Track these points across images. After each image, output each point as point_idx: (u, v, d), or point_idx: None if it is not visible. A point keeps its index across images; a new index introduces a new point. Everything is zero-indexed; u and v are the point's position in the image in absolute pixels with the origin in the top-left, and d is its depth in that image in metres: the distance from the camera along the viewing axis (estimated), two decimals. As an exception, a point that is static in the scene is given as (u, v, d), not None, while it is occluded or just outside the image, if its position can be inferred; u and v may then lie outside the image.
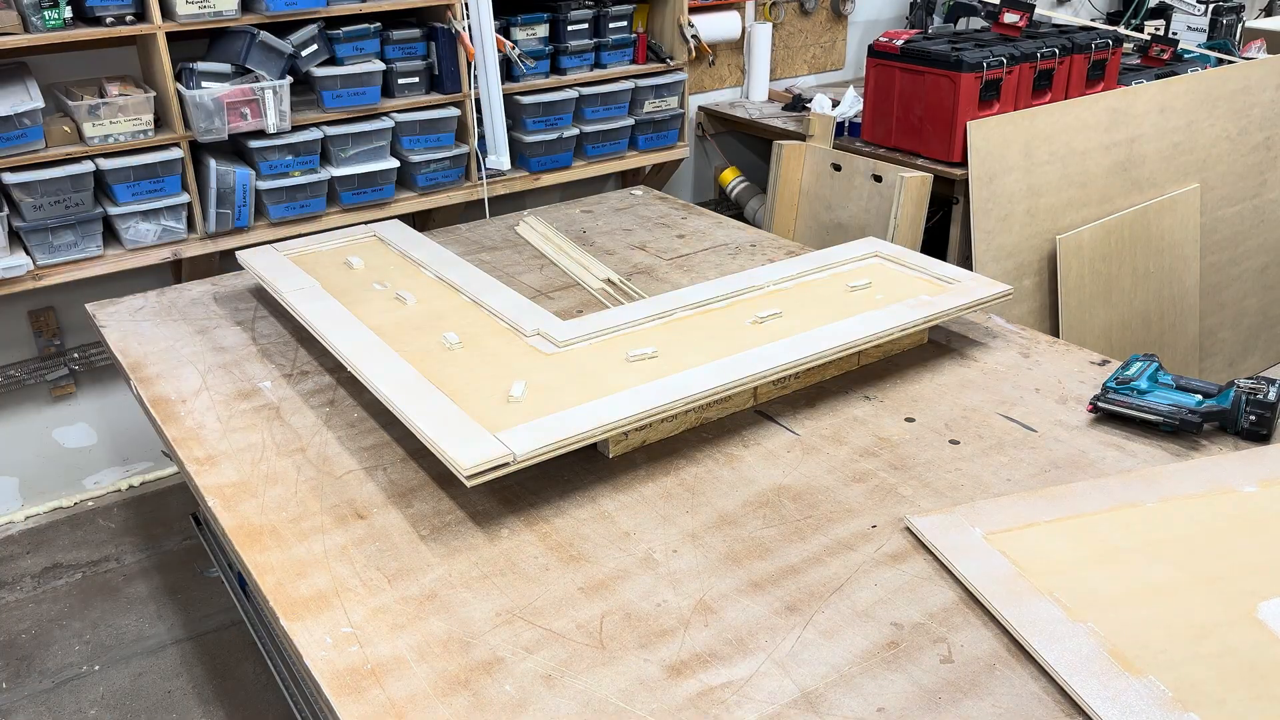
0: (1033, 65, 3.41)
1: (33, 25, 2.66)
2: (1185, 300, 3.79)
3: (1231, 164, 3.89)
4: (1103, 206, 3.50)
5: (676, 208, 3.07)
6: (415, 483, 1.73)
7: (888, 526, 1.59)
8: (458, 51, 3.25)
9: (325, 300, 2.16)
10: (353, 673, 1.33)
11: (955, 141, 3.29)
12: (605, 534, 1.59)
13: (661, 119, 3.77)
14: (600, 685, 1.30)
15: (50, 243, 2.83)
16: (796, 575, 1.49)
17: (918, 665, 1.32)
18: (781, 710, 1.26)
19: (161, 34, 2.80)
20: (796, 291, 2.19)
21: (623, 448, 1.79)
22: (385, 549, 1.57)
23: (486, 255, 2.69)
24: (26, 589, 3.00)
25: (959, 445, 1.80)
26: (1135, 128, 3.55)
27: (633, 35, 3.67)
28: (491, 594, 1.47)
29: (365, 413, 1.95)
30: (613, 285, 2.47)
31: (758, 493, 1.68)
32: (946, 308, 2.06)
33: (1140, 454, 1.76)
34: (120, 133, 2.84)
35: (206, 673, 2.68)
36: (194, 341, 2.24)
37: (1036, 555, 1.47)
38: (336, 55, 3.11)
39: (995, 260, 3.25)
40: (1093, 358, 2.10)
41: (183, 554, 3.14)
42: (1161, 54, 4.09)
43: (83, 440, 3.37)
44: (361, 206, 3.25)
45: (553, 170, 3.61)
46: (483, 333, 2.04)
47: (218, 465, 1.79)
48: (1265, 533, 1.52)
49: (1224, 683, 1.25)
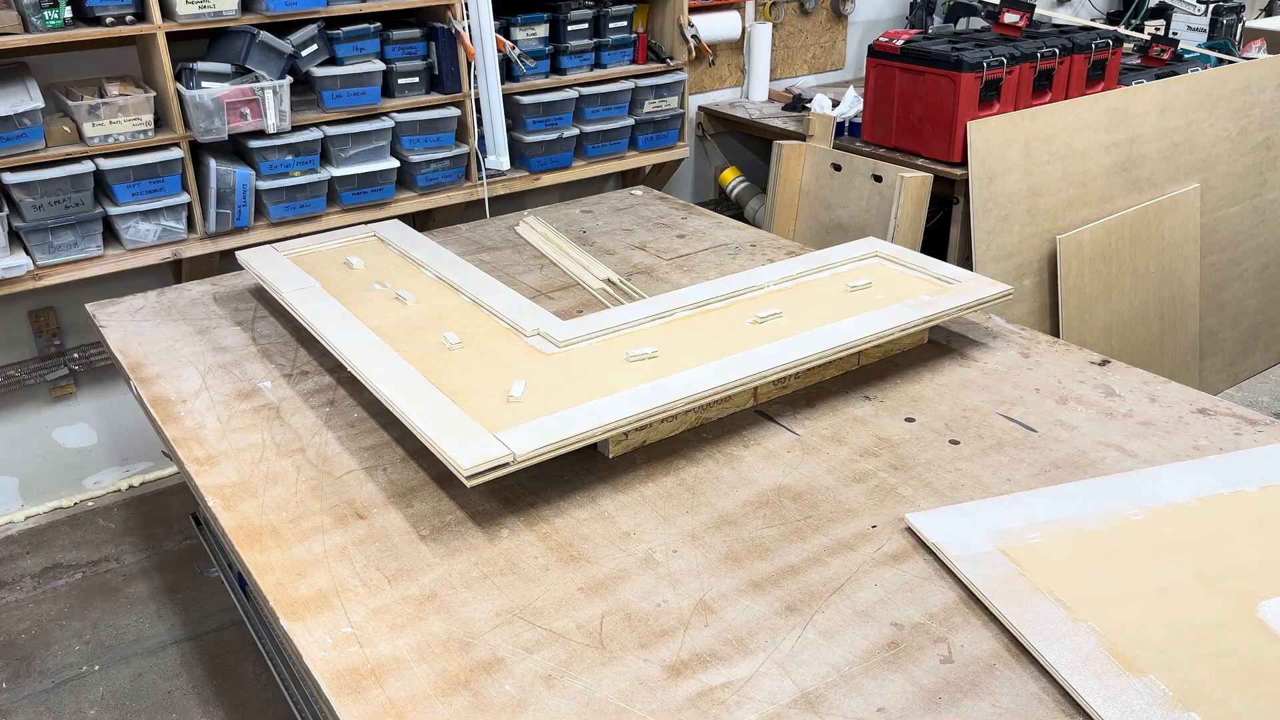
0: (1033, 65, 3.41)
1: (33, 25, 2.66)
2: (1185, 300, 3.79)
3: (1232, 164, 3.89)
4: (1103, 206, 3.50)
5: (676, 208, 3.07)
6: (415, 483, 1.73)
7: (888, 526, 1.59)
8: (458, 51, 3.25)
9: (325, 300, 2.16)
10: (353, 673, 1.33)
11: (955, 141, 3.29)
12: (605, 534, 1.59)
13: (661, 119, 3.77)
14: (600, 685, 1.30)
15: (50, 243, 2.83)
16: (796, 575, 1.49)
17: (918, 665, 1.32)
18: (781, 710, 1.26)
19: (161, 34, 2.80)
20: (796, 291, 2.19)
21: (623, 448, 1.79)
22: (385, 549, 1.57)
23: (486, 255, 2.69)
24: (26, 589, 3.00)
25: (959, 445, 1.80)
26: (1135, 128, 3.55)
27: (633, 35, 3.67)
28: (491, 594, 1.47)
29: (365, 413, 1.95)
30: (613, 285, 2.47)
31: (758, 493, 1.68)
32: (946, 308, 2.06)
33: (1140, 454, 1.76)
34: (120, 133, 2.84)
35: (206, 673, 2.68)
36: (194, 341, 2.24)
37: (1036, 554, 1.47)
38: (336, 55, 3.11)
39: (995, 260, 3.25)
40: (1093, 358, 2.10)
41: (183, 554, 3.14)
42: (1161, 54, 4.09)
43: (83, 440, 3.37)
44: (361, 206, 3.25)
45: (553, 170, 3.61)
46: (483, 333, 2.04)
47: (218, 465, 1.79)
48: (1265, 532, 1.52)
49: (1224, 682, 1.25)
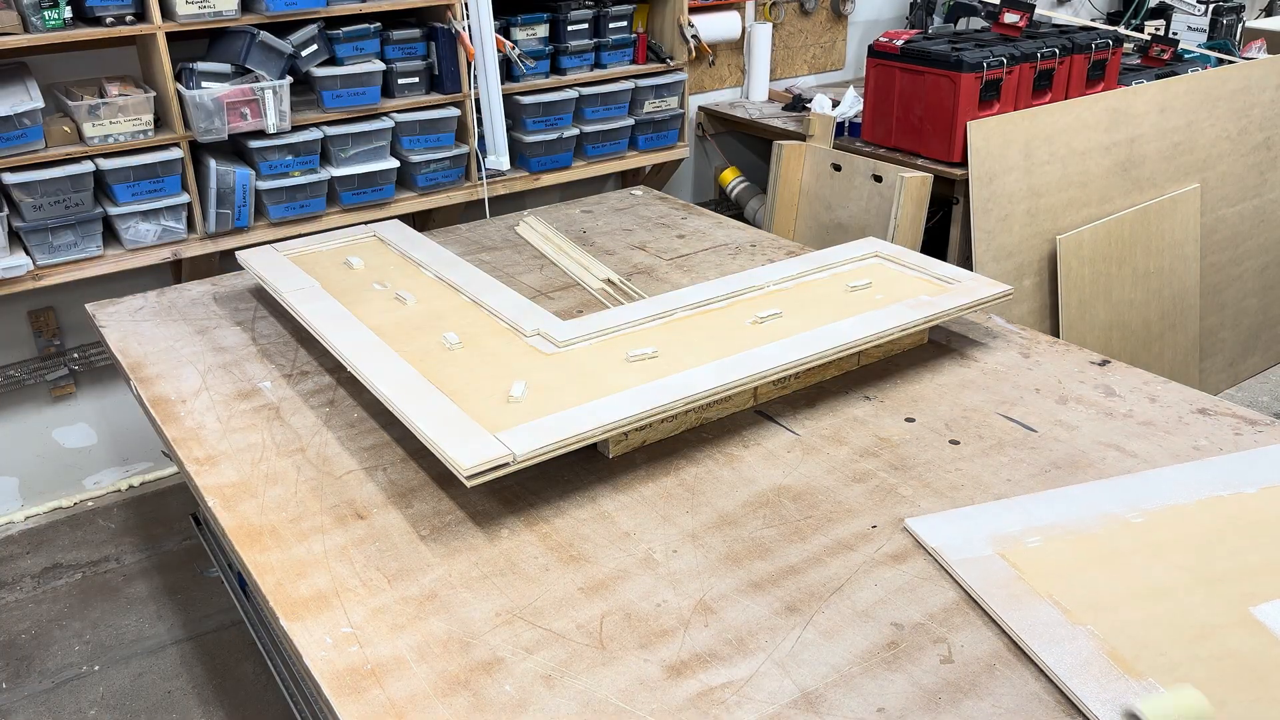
0: (1033, 65, 3.41)
1: (33, 25, 2.66)
2: (1185, 300, 3.79)
3: (1232, 164, 3.88)
4: (1103, 206, 3.50)
5: (676, 208, 3.07)
6: (415, 483, 1.73)
7: (888, 526, 1.59)
8: (458, 51, 3.25)
9: (325, 300, 2.16)
10: (353, 673, 1.33)
11: (955, 141, 3.29)
12: (605, 534, 1.59)
13: (661, 119, 3.77)
14: (600, 685, 1.30)
15: (50, 243, 2.83)
16: (796, 575, 1.49)
17: (918, 665, 1.32)
18: (781, 710, 1.26)
19: (161, 34, 2.80)
20: (796, 291, 2.19)
21: (623, 448, 1.79)
22: (385, 549, 1.57)
23: (486, 255, 2.69)
24: (26, 589, 3.00)
25: (959, 445, 1.80)
26: (1135, 128, 3.55)
27: (633, 35, 3.67)
28: (491, 594, 1.47)
29: (365, 413, 1.95)
30: (613, 285, 2.47)
31: (758, 493, 1.68)
32: (947, 307, 2.06)
33: (1140, 454, 1.76)
34: (120, 133, 2.84)
35: (206, 673, 2.68)
36: (194, 341, 2.24)
37: (1035, 558, 1.47)
38: (336, 55, 3.11)
39: (995, 260, 3.25)
40: (1093, 358, 2.10)
41: (183, 554, 3.14)
42: (1161, 54, 4.09)
43: (83, 440, 3.37)
44: (361, 206, 3.25)
45: (553, 170, 3.61)
46: (483, 333, 2.04)
47: (218, 465, 1.79)
48: (1264, 534, 1.52)
49: (1223, 684, 1.25)
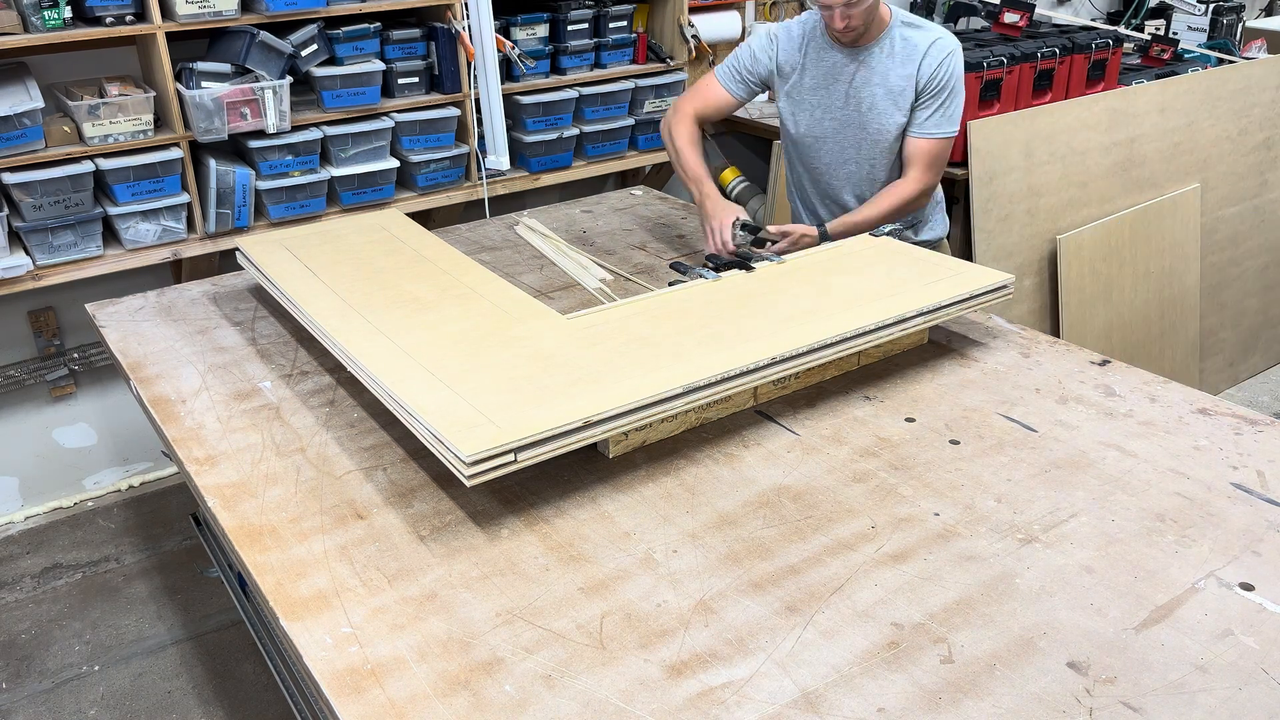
0: (1033, 65, 3.41)
1: (33, 25, 2.66)
2: (1185, 300, 3.79)
3: (1232, 164, 3.89)
4: (1103, 206, 3.50)
5: (676, 208, 3.07)
6: (415, 483, 1.73)
7: (888, 526, 1.59)
8: (458, 51, 3.25)
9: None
10: (353, 673, 1.32)
11: (955, 141, 3.28)
12: (605, 534, 1.59)
13: (661, 119, 3.76)
14: (600, 685, 1.30)
15: (50, 243, 2.83)
16: (796, 575, 1.49)
17: (918, 665, 1.32)
18: (781, 710, 1.26)
19: (161, 34, 2.80)
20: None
21: (623, 448, 1.79)
22: (385, 549, 1.56)
23: (486, 255, 2.69)
24: (26, 589, 3.00)
25: (959, 445, 1.80)
26: (1135, 128, 3.55)
27: (633, 35, 3.67)
28: (491, 594, 1.47)
29: (365, 413, 1.95)
30: (613, 285, 2.46)
31: (758, 493, 1.68)
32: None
33: (1140, 454, 1.76)
34: (120, 133, 2.84)
35: (206, 673, 2.68)
36: (194, 341, 2.24)
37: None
38: (336, 55, 3.11)
39: (995, 260, 3.25)
40: (1093, 358, 2.09)
41: (183, 554, 3.14)
42: (1162, 54, 4.09)
43: (82, 440, 3.37)
44: (361, 207, 3.25)
45: (553, 170, 3.61)
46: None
47: (217, 465, 1.79)
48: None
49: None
